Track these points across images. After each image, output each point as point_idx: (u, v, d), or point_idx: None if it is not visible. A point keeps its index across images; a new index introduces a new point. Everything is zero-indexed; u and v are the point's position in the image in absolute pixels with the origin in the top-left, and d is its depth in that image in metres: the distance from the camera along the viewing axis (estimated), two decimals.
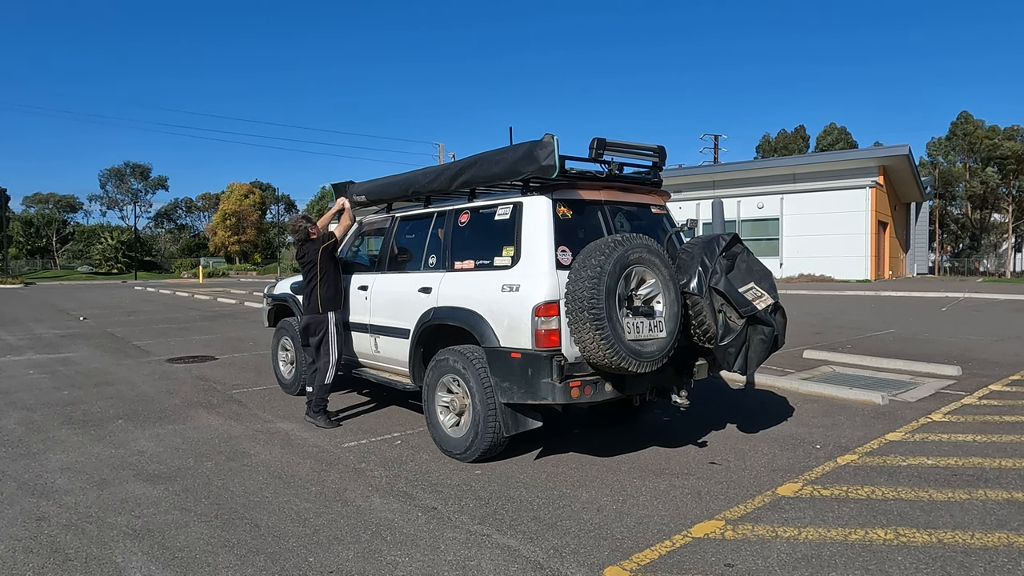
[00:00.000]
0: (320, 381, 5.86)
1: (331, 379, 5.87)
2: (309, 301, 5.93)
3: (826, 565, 3.25)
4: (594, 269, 4.11)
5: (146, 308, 20.54)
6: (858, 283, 26.29)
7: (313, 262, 5.86)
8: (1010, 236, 53.07)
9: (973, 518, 3.78)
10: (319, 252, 5.86)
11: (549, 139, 4.40)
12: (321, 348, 5.89)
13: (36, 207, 76.31)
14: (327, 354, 5.86)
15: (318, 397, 5.90)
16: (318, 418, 5.89)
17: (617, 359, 4.12)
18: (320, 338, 5.87)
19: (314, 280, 5.88)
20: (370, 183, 6.37)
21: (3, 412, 6.58)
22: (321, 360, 5.90)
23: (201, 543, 3.57)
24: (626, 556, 3.37)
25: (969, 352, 9.53)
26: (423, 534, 3.66)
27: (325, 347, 5.86)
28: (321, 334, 5.86)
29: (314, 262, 5.85)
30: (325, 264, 5.87)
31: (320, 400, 5.90)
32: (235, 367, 9.16)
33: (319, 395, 5.90)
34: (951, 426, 5.72)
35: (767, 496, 4.15)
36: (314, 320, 5.88)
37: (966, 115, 53.24)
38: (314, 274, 5.86)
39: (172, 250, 72.99)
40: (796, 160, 33.73)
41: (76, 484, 4.49)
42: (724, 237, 4.87)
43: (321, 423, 5.84)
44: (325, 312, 5.83)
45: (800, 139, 62.66)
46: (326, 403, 5.98)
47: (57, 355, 10.51)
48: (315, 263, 5.84)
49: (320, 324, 5.85)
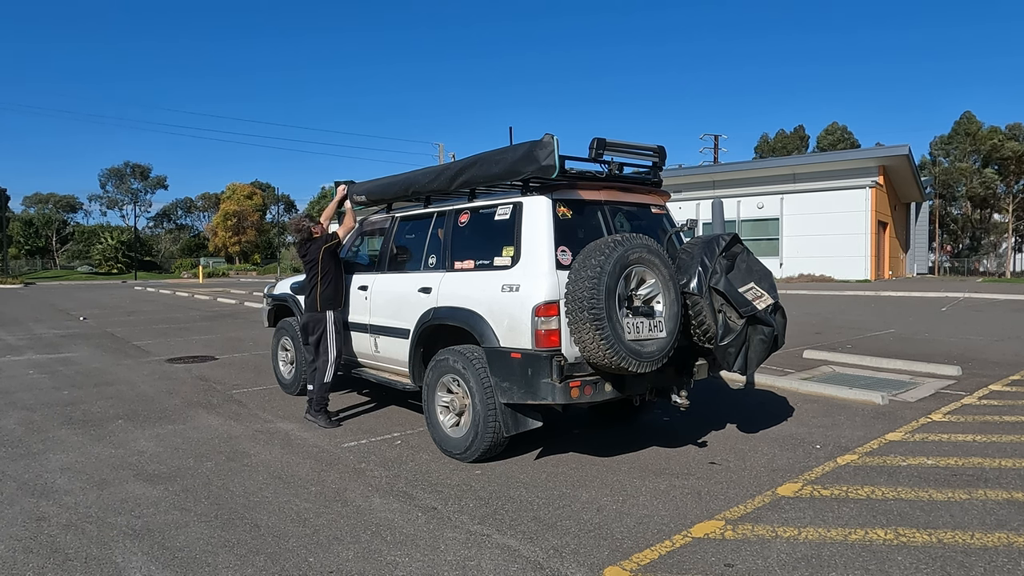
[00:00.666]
0: (320, 380, 5.87)
1: (331, 377, 5.88)
2: (309, 299, 5.96)
3: (826, 565, 3.25)
4: (594, 269, 4.11)
5: (146, 308, 20.53)
6: (858, 283, 26.29)
7: (315, 261, 5.87)
8: (1010, 236, 53.07)
9: (973, 518, 3.78)
10: (321, 251, 5.87)
11: (549, 139, 4.40)
12: (320, 346, 5.92)
13: (36, 207, 76.34)
14: (326, 352, 5.88)
15: (318, 396, 5.92)
16: (318, 417, 5.91)
17: (617, 359, 4.12)
18: (319, 336, 5.89)
19: (315, 279, 5.89)
20: (370, 183, 6.37)
21: (3, 412, 6.58)
22: (320, 359, 5.92)
23: (201, 543, 3.57)
24: (626, 556, 3.37)
25: (969, 352, 9.53)
26: (423, 534, 3.66)
27: (324, 345, 5.88)
28: (320, 332, 5.88)
29: (316, 261, 5.87)
30: (326, 263, 5.88)
31: (320, 399, 5.92)
32: (235, 367, 9.16)
33: (319, 394, 5.91)
34: (951, 426, 5.72)
35: (767, 496, 4.15)
36: (313, 318, 5.91)
37: (969, 115, 53.16)
38: (315, 273, 5.88)
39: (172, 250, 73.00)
40: (796, 160, 33.73)
41: (76, 484, 4.49)
42: (724, 237, 4.87)
43: (321, 422, 5.86)
44: (324, 311, 5.85)
45: (799, 139, 62.63)
46: (326, 402, 5.99)
47: (57, 355, 10.50)
48: (316, 262, 5.86)
49: (319, 322, 5.87)
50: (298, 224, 6.09)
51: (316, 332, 5.90)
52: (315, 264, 5.88)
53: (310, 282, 5.96)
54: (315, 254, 5.88)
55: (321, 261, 5.86)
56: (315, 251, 5.89)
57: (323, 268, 5.87)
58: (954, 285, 24.93)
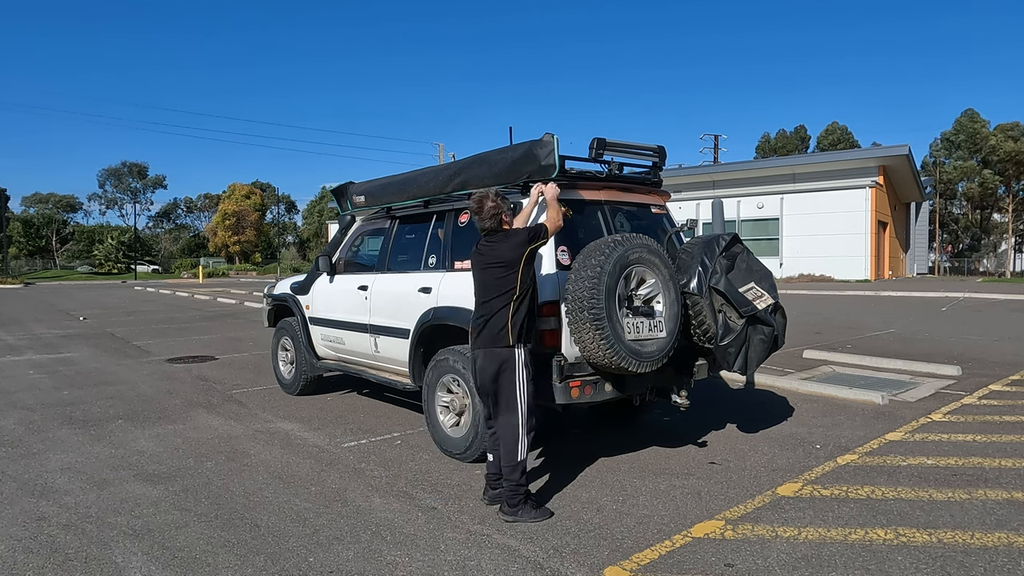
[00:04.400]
0: (511, 453, 3.84)
1: (526, 450, 3.87)
2: (490, 326, 3.88)
3: (826, 565, 3.25)
4: (594, 269, 4.11)
5: (146, 308, 20.54)
6: (858, 283, 26.29)
7: (508, 266, 3.87)
8: (1010, 236, 53.07)
9: (973, 518, 3.78)
10: (523, 254, 3.87)
11: (549, 138, 4.40)
12: (502, 399, 3.89)
13: (36, 207, 76.37)
14: (514, 409, 3.86)
15: (516, 481, 3.82)
16: (520, 512, 3.80)
17: (617, 359, 4.12)
18: (505, 386, 3.87)
19: (508, 294, 3.85)
20: (369, 183, 6.38)
21: (3, 412, 6.58)
22: (504, 418, 3.90)
23: (201, 543, 3.57)
24: (626, 556, 3.37)
25: (969, 352, 9.53)
26: (423, 534, 3.66)
27: (511, 397, 3.87)
28: (508, 380, 3.87)
29: (510, 266, 3.86)
30: (527, 273, 3.91)
31: (517, 485, 3.83)
32: (235, 367, 9.16)
33: (516, 477, 3.83)
34: (951, 426, 5.72)
35: (767, 496, 4.15)
36: (495, 358, 3.86)
37: (972, 113, 53.02)
38: (511, 287, 3.85)
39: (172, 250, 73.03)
40: (796, 160, 33.76)
41: (76, 484, 4.49)
42: (724, 237, 4.87)
43: (524, 517, 3.79)
44: (515, 345, 3.86)
45: (799, 139, 62.64)
46: (525, 484, 3.87)
47: (57, 355, 10.50)
48: (514, 269, 3.86)
49: (507, 363, 3.85)
50: (492, 204, 3.97)
51: (499, 379, 3.87)
52: (509, 271, 3.86)
53: (495, 297, 3.88)
54: (510, 256, 3.88)
55: (522, 268, 3.88)
56: (510, 251, 3.88)
57: (523, 280, 3.88)
58: (954, 285, 24.93)
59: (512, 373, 3.85)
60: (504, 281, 3.86)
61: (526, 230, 3.99)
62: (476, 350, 3.95)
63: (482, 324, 3.91)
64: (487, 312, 3.89)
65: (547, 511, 3.90)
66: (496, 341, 3.85)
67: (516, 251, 3.87)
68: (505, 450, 3.87)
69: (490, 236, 4.00)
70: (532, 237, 3.93)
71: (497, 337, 3.84)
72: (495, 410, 3.96)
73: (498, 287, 3.87)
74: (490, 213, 3.95)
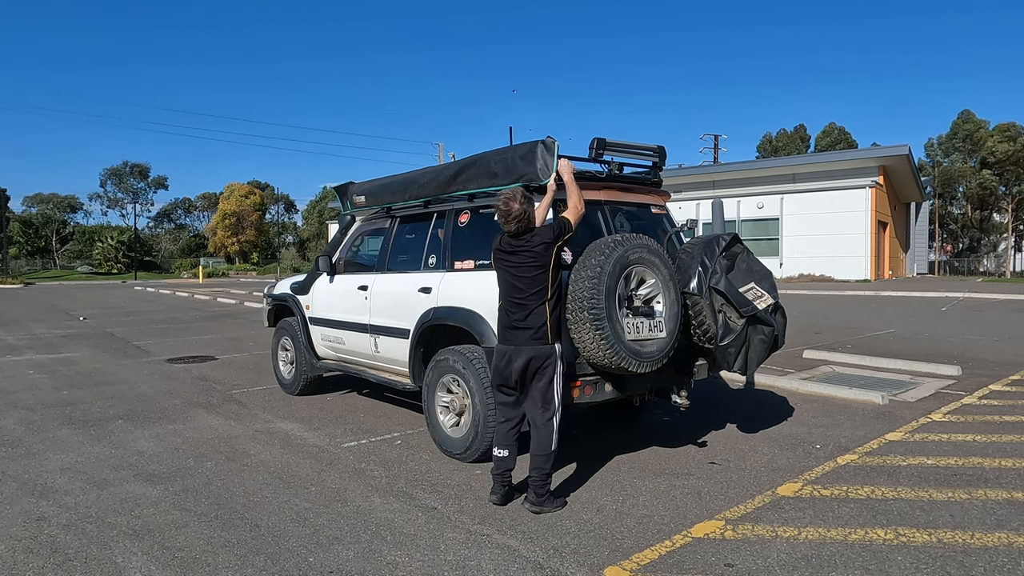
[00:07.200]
0: (547, 446, 3.96)
1: (556, 443, 4.01)
2: (527, 325, 3.90)
3: (826, 565, 3.25)
4: (594, 269, 4.11)
5: (146, 308, 20.53)
6: (858, 283, 26.29)
7: (541, 265, 3.91)
8: (1010, 236, 53.07)
9: (973, 518, 3.78)
10: (554, 252, 3.93)
11: (551, 142, 4.40)
12: (540, 394, 3.97)
13: (36, 207, 76.34)
14: (551, 403, 3.98)
15: (546, 472, 3.97)
16: (545, 502, 3.96)
17: (617, 359, 4.12)
18: (545, 383, 3.95)
19: (543, 292, 3.90)
20: (370, 183, 6.37)
21: (3, 412, 6.58)
22: (542, 412, 3.98)
23: (201, 543, 3.57)
24: (626, 556, 3.37)
25: (969, 352, 9.53)
26: (423, 534, 3.66)
27: (550, 392, 3.97)
28: (547, 377, 3.95)
29: (543, 265, 3.91)
30: (558, 269, 4.00)
31: (548, 475, 3.99)
32: (235, 367, 9.16)
33: (546, 468, 3.97)
34: (951, 426, 5.72)
35: (767, 496, 4.15)
36: (539, 354, 3.91)
37: (968, 114, 53.08)
38: (544, 285, 3.90)
39: (172, 250, 73.03)
40: (796, 160, 33.74)
41: (76, 484, 4.49)
42: (724, 237, 4.87)
43: (548, 507, 3.96)
44: (554, 343, 3.95)
45: (800, 139, 62.64)
46: (551, 479, 4.06)
47: (57, 355, 10.50)
48: (545, 267, 3.90)
49: (549, 360, 3.93)
50: (520, 206, 3.93)
51: (543, 377, 3.93)
52: (542, 270, 3.90)
53: (530, 295, 3.90)
54: (542, 255, 3.91)
55: (553, 265, 3.93)
56: (543, 249, 3.91)
57: (554, 277, 3.94)
58: (954, 285, 24.93)
59: (552, 369, 3.94)
60: (537, 280, 3.90)
61: (550, 228, 3.99)
62: (508, 346, 3.96)
63: (519, 322, 3.92)
64: (523, 311, 3.91)
65: (563, 500, 4.09)
66: (537, 339, 3.90)
67: (547, 251, 3.91)
68: (541, 442, 3.97)
69: (515, 236, 4.00)
70: (559, 234, 3.96)
71: (537, 335, 3.90)
72: (532, 406, 4.01)
73: (532, 286, 3.90)
74: (517, 216, 3.92)
